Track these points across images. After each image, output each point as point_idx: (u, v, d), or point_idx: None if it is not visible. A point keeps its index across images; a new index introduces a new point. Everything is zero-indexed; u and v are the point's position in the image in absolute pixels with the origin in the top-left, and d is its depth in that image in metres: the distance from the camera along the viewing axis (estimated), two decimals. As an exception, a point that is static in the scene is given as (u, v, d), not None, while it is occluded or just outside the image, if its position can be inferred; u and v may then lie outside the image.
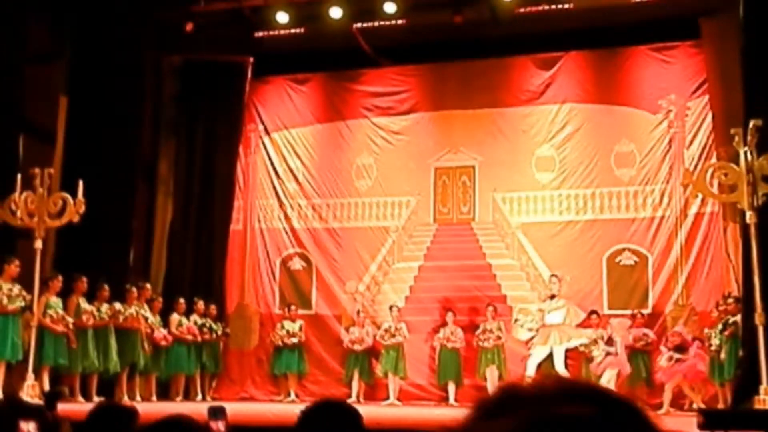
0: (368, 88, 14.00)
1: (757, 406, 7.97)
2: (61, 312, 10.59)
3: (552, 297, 11.86)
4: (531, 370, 11.56)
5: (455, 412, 8.07)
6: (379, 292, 13.44)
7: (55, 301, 10.66)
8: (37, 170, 10.20)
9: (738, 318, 10.35)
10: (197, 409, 9.86)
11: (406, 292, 13.31)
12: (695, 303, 12.22)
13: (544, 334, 11.64)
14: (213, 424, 3.22)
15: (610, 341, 11.15)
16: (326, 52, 13.57)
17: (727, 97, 11.57)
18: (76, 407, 8.97)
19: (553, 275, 12.11)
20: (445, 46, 13.15)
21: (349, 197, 13.85)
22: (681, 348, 10.99)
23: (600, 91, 13.05)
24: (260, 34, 13.57)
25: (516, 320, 12.07)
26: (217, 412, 3.25)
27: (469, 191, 13.42)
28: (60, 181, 11.14)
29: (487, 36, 12.89)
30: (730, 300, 10.76)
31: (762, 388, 8.15)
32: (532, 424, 0.74)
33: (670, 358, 10.96)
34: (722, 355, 10.54)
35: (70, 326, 10.66)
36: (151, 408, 9.49)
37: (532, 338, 11.80)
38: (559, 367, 11.47)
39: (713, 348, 10.80)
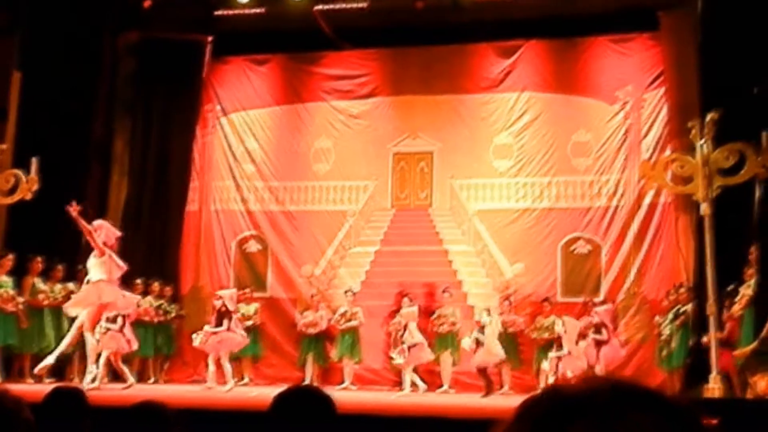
0: (328, 71, 13.92)
1: (707, 394, 8.13)
2: (12, 291, 10.40)
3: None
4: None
5: (409, 396, 8.09)
6: (335, 276, 13.42)
7: (6, 280, 10.46)
8: (-12, 146, 9.98)
9: (689, 307, 10.56)
10: (150, 391, 9.78)
11: (362, 277, 13.31)
12: (646, 292, 12.41)
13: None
14: None
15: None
16: (286, 34, 13.45)
17: (682, 90, 11.76)
18: (25, 388, 8.83)
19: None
20: (406, 31, 13.14)
21: (306, 180, 13.78)
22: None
23: (559, 80, 13.14)
24: (220, 13, 13.42)
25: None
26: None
27: (427, 177, 13.45)
28: (12, 158, 10.91)
29: (448, 22, 12.90)
30: (682, 290, 10.98)
31: (711, 376, 8.32)
32: None
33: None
34: (672, 344, 10.75)
35: (21, 306, 10.48)
36: (102, 391, 9.37)
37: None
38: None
39: (663, 336, 11.01)
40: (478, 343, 11.19)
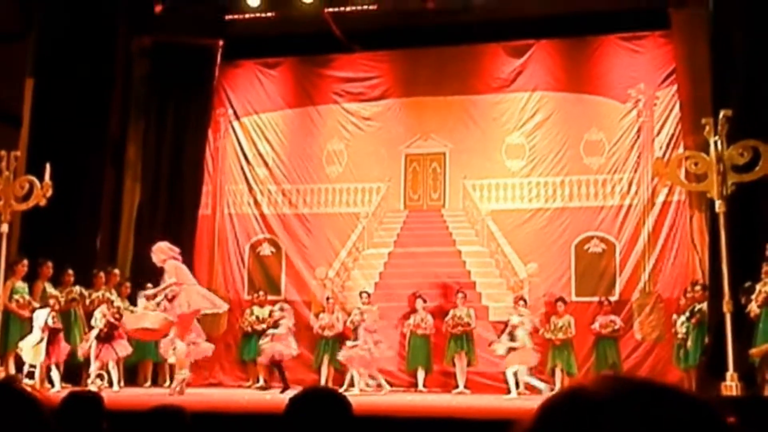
0: (339, 74, 13.93)
1: (724, 392, 8.09)
2: (27, 297, 10.44)
3: None
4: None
5: (424, 398, 8.09)
6: (348, 278, 13.42)
7: (21, 285, 10.51)
8: (2, 153, 10.04)
9: (704, 305, 10.50)
10: (165, 395, 9.81)
11: (376, 279, 13.31)
12: (661, 291, 12.37)
13: None
14: None
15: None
16: (297, 37, 13.48)
17: (695, 87, 11.71)
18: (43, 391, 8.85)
19: None
20: (417, 32, 13.13)
21: (319, 183, 13.79)
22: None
23: (570, 79, 13.11)
24: (231, 17, 13.45)
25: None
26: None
27: (439, 178, 13.44)
28: (26, 164, 10.97)
29: (458, 23, 12.88)
30: (698, 288, 10.92)
31: (728, 374, 8.27)
32: None
33: None
34: (689, 342, 10.69)
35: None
36: (118, 394, 9.40)
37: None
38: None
39: (680, 335, 10.95)
40: (273, 337, 11.42)
